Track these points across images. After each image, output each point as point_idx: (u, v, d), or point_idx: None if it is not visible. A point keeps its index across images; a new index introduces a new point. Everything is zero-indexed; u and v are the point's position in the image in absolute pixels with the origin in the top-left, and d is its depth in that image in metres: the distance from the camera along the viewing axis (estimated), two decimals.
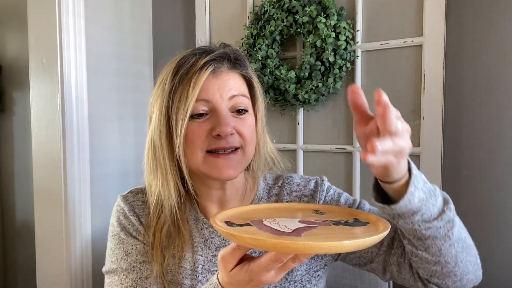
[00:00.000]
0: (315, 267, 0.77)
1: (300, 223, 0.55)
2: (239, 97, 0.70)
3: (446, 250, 0.61)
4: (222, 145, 0.68)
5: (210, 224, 0.76)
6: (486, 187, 1.14)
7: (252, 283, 0.53)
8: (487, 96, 1.13)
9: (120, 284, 0.72)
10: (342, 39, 1.26)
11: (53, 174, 1.39)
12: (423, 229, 0.59)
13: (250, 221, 0.55)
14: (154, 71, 1.75)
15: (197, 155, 0.69)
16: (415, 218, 0.58)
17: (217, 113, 0.68)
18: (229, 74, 0.71)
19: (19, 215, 2.05)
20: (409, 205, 0.56)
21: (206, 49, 0.73)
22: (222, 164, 0.68)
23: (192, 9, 1.63)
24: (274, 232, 0.50)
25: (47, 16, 1.36)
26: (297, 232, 0.50)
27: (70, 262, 1.39)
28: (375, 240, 0.46)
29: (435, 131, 1.19)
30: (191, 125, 0.68)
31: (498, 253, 1.13)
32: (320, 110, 1.39)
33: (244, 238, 0.46)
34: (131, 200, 0.79)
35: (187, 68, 0.69)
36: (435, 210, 0.59)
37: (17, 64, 1.97)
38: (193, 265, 0.74)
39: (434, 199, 0.58)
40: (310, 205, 0.68)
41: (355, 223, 0.56)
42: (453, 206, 0.62)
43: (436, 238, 0.60)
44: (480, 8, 1.13)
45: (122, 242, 0.75)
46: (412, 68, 1.23)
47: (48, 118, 1.40)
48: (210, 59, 0.69)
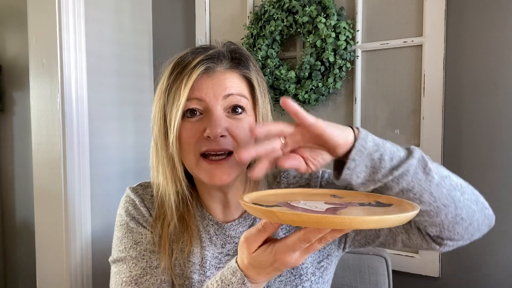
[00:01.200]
0: (318, 258, 0.76)
1: (327, 204, 0.54)
2: (235, 96, 0.69)
3: (437, 192, 0.59)
4: (212, 147, 0.66)
5: (215, 221, 0.76)
6: (486, 187, 1.14)
7: (275, 264, 0.53)
8: (487, 96, 1.13)
9: (129, 271, 0.71)
10: (342, 39, 1.26)
11: (53, 174, 1.39)
12: (398, 178, 0.58)
13: (276, 203, 0.54)
14: (154, 71, 1.75)
15: (191, 158, 0.68)
16: (386, 163, 0.57)
17: (210, 114, 0.67)
18: (226, 73, 0.70)
19: (19, 215, 2.05)
20: (364, 150, 0.56)
21: (204, 47, 0.72)
22: (213, 170, 0.67)
23: (192, 9, 1.63)
24: (309, 212, 0.48)
25: (47, 16, 1.36)
26: (331, 211, 0.49)
27: (70, 262, 1.39)
28: (414, 214, 0.46)
29: (435, 131, 1.19)
30: (185, 125, 0.68)
31: (498, 253, 1.13)
32: (320, 110, 1.39)
33: (286, 215, 0.44)
34: (141, 192, 0.78)
35: (182, 67, 0.69)
36: (400, 154, 0.59)
37: (17, 64, 1.97)
38: (201, 260, 0.74)
39: (393, 145, 0.60)
40: (327, 190, 0.65)
41: (379, 204, 0.55)
42: (421, 152, 0.61)
43: (419, 184, 0.58)
44: (480, 8, 1.13)
45: (131, 231, 0.74)
46: (412, 68, 1.23)
47: (48, 118, 1.40)
48: (203, 58, 0.68)
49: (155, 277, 0.70)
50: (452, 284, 1.19)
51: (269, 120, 0.76)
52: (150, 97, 1.74)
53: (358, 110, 1.30)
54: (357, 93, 1.30)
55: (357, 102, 1.30)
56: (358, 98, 1.30)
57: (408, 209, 0.50)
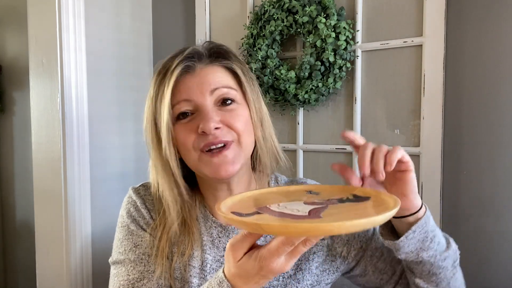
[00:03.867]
0: (326, 280, 0.76)
1: (307, 205, 0.53)
2: (221, 89, 0.69)
3: (454, 285, 0.67)
4: (210, 141, 0.66)
5: (218, 223, 0.75)
6: (486, 187, 1.14)
7: (261, 272, 0.51)
8: (487, 96, 1.13)
9: (127, 275, 0.71)
10: (342, 39, 1.26)
11: (53, 174, 1.39)
12: (440, 260, 0.64)
13: (256, 209, 0.52)
14: (154, 71, 1.75)
15: (192, 156, 0.68)
16: (434, 245, 0.63)
17: (200, 110, 0.67)
18: (207, 69, 0.70)
19: (19, 215, 2.05)
20: (425, 226, 0.61)
21: (183, 49, 0.72)
22: (217, 162, 0.66)
23: (192, 9, 1.63)
24: (293, 217, 0.48)
25: (47, 16, 1.36)
26: (314, 213, 0.48)
27: (70, 262, 1.39)
28: (396, 211, 0.47)
29: (435, 131, 1.19)
30: (178, 127, 0.68)
31: (498, 253, 1.13)
32: (320, 110, 1.39)
33: (273, 227, 0.43)
34: (143, 193, 0.78)
35: (163, 73, 0.70)
36: (443, 241, 0.65)
37: (17, 64, 1.97)
38: (201, 264, 0.73)
39: (439, 231, 0.66)
40: (301, 186, 0.65)
41: (357, 198, 0.55)
42: (455, 246, 0.69)
43: (445, 274, 0.65)
44: (480, 8, 1.13)
45: (131, 234, 0.74)
46: (412, 68, 1.23)
47: (48, 118, 1.40)
48: (182, 58, 0.69)
49: (152, 281, 0.70)
50: None
51: (262, 109, 0.75)
52: None
53: (358, 110, 1.30)
54: (357, 93, 1.30)
55: (357, 102, 1.30)
56: (358, 98, 1.30)
57: (389, 203, 0.50)
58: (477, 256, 1.15)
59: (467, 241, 1.16)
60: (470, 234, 1.16)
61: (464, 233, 1.17)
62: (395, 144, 1.25)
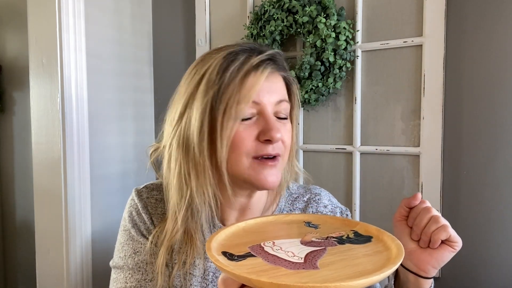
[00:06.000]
0: None
1: (303, 245, 0.52)
2: (284, 103, 0.66)
3: None
4: (269, 151, 0.63)
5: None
6: (486, 187, 1.14)
7: None
8: (487, 96, 1.13)
9: (125, 282, 0.71)
10: (342, 39, 1.26)
11: (53, 174, 1.39)
12: None
13: (249, 248, 0.50)
14: (154, 71, 1.75)
15: (243, 161, 0.64)
16: None
17: (265, 117, 0.64)
18: (277, 76, 0.67)
19: (19, 215, 2.05)
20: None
21: (252, 46, 0.67)
22: (268, 173, 0.64)
23: (192, 9, 1.63)
24: (287, 265, 0.46)
25: (47, 16, 1.36)
26: (311, 261, 0.47)
27: (70, 262, 1.39)
28: (396, 266, 0.46)
29: (435, 131, 1.19)
30: (238, 127, 0.63)
31: (498, 253, 1.13)
32: (320, 110, 1.39)
33: (263, 284, 0.42)
34: (145, 196, 0.76)
35: (238, 66, 0.63)
36: None
37: (17, 64, 1.98)
38: (203, 272, 0.71)
39: None
40: (299, 216, 0.63)
41: (358, 238, 0.54)
42: None
43: None
44: (480, 8, 1.13)
45: (132, 239, 0.74)
46: (412, 68, 1.23)
47: (48, 118, 1.40)
48: (263, 58, 0.64)
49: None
50: (453, 284, 1.19)
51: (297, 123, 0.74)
52: (150, 97, 1.74)
53: (358, 110, 1.30)
54: (357, 93, 1.30)
55: (357, 102, 1.30)
56: (358, 98, 1.30)
57: (391, 250, 0.50)
58: (477, 256, 1.15)
59: (467, 241, 1.16)
60: (470, 234, 1.16)
61: (464, 233, 1.17)
62: (395, 144, 1.26)
